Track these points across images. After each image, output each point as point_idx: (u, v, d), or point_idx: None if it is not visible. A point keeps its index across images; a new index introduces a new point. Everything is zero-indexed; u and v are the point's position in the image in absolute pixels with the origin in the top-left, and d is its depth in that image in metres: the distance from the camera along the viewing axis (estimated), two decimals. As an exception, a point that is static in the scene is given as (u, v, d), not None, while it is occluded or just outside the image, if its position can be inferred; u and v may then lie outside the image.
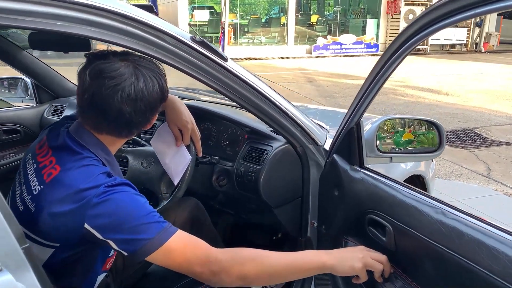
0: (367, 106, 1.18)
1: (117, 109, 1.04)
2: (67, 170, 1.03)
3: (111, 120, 1.07)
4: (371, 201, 1.20)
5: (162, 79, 1.13)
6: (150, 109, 1.11)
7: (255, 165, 1.54)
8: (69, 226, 1.00)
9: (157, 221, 1.02)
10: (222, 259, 1.04)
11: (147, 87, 1.07)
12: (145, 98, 1.07)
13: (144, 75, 1.07)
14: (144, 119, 1.12)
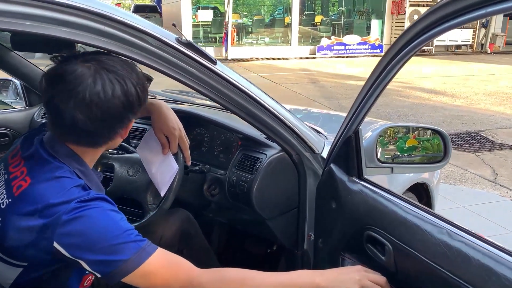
0: (366, 113, 1.09)
1: (71, 117, 0.92)
2: (38, 183, 0.95)
3: (68, 129, 0.96)
4: (369, 216, 1.11)
5: (130, 83, 0.99)
6: (110, 117, 0.97)
7: (248, 174, 1.45)
8: (38, 244, 0.92)
9: (134, 240, 0.94)
10: (204, 282, 0.96)
11: (105, 91, 0.93)
12: (101, 104, 0.93)
13: (103, 78, 0.94)
14: (106, 128, 0.99)
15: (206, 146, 1.72)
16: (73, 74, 0.93)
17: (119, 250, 0.91)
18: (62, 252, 0.90)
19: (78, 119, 0.93)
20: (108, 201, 0.97)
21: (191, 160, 1.67)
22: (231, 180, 1.48)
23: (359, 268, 1.05)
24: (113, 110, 0.96)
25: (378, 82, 0.98)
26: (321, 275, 1.03)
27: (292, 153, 1.45)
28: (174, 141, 1.34)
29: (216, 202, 1.60)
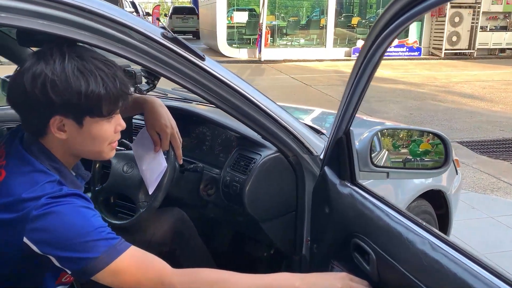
0: (355, 112, 1.03)
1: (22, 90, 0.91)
2: (12, 177, 0.94)
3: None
4: (357, 223, 1.05)
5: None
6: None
7: (241, 175, 1.41)
8: (7, 239, 0.91)
9: (105, 237, 0.91)
10: (176, 283, 0.93)
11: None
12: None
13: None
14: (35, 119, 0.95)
15: (207, 145, 1.70)
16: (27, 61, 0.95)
17: (89, 248, 0.89)
18: (32, 247, 0.89)
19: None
20: (82, 198, 0.96)
21: (187, 158, 1.65)
22: (225, 180, 1.45)
23: (343, 276, 1.00)
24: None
25: (359, 75, 0.92)
26: (302, 279, 0.98)
27: (288, 154, 1.39)
28: (165, 138, 1.32)
29: (213, 202, 1.57)
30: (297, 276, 0.99)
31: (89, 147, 1.01)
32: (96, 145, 1.00)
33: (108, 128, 0.99)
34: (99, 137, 0.99)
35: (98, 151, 1.02)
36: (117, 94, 0.95)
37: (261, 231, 1.47)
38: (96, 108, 0.94)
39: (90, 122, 0.96)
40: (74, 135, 0.97)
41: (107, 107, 0.95)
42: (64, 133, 0.96)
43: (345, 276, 1.00)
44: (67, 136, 0.96)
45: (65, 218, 0.90)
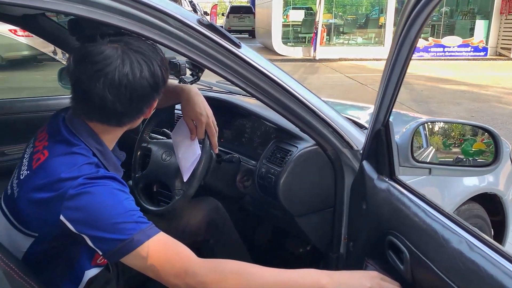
0: (393, 101, 0.96)
1: (100, 97, 0.95)
2: (53, 157, 0.98)
3: (95, 108, 0.98)
4: (392, 219, 0.99)
5: (156, 63, 1.00)
6: (138, 97, 0.99)
7: (277, 167, 1.38)
8: (46, 216, 0.94)
9: (135, 221, 0.92)
10: (200, 272, 0.92)
11: (133, 72, 0.95)
12: (130, 85, 0.95)
13: (131, 59, 0.96)
14: (132, 108, 1.01)
15: (246, 138, 1.68)
16: (101, 55, 0.95)
17: (119, 230, 0.90)
18: (68, 225, 0.92)
19: (107, 100, 0.95)
20: (117, 181, 0.98)
21: (226, 149, 1.65)
22: (261, 172, 1.43)
23: (374, 275, 0.95)
24: (141, 90, 0.98)
25: (394, 60, 0.86)
26: (329, 276, 0.94)
27: (327, 148, 1.35)
28: (200, 126, 1.32)
29: (249, 194, 1.55)
30: (325, 273, 0.96)
31: (135, 126, 1.10)
32: (139, 122, 1.11)
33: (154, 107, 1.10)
34: (147, 116, 1.10)
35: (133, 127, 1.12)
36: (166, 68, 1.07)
37: (296, 226, 1.43)
38: (161, 88, 1.06)
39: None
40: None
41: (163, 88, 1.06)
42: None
43: (376, 275, 0.95)
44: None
45: (98, 199, 0.92)
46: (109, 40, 0.98)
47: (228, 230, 1.57)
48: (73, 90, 1.00)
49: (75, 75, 0.96)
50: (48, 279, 1.05)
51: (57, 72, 2.36)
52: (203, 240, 1.52)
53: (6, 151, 2.06)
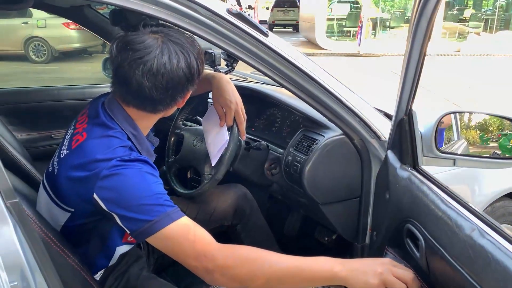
0: (413, 89, 0.96)
1: (138, 83, 1.01)
2: (91, 139, 1.05)
3: (133, 94, 1.05)
4: (411, 208, 0.99)
5: (192, 55, 1.05)
6: (173, 87, 1.05)
7: (303, 155, 1.40)
8: (82, 193, 1.01)
9: (161, 204, 0.97)
10: (218, 257, 0.96)
11: (171, 62, 1.01)
12: (167, 74, 1.01)
13: (170, 49, 1.02)
14: (167, 96, 1.06)
15: (276, 127, 1.72)
16: (142, 44, 1.01)
17: (145, 211, 0.96)
18: (100, 204, 0.99)
19: (145, 86, 1.01)
20: (148, 164, 1.03)
21: (255, 138, 1.69)
22: (287, 160, 1.45)
23: (386, 262, 0.95)
24: (177, 80, 1.04)
25: (410, 50, 0.86)
26: (342, 264, 0.96)
27: (354, 137, 1.36)
28: (229, 113, 1.36)
29: (277, 182, 1.59)
30: (338, 261, 0.97)
31: (169, 114, 1.16)
32: (172, 111, 1.16)
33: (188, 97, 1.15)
34: (180, 105, 1.16)
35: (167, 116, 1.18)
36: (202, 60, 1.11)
37: (321, 214, 1.45)
38: (196, 78, 1.10)
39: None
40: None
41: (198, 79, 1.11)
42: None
43: (388, 262, 0.95)
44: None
45: (129, 181, 0.98)
46: (151, 30, 1.04)
47: (255, 216, 1.61)
48: (114, 75, 1.07)
49: (117, 61, 1.03)
50: (83, 252, 1.13)
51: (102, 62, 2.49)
52: (230, 225, 1.57)
53: (53, 135, 2.20)
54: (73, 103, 2.29)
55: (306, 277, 0.96)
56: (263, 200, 1.87)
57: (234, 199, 1.57)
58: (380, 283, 0.90)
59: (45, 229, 0.98)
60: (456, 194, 0.88)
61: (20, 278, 0.82)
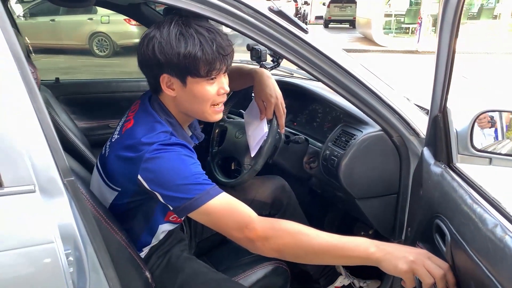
0: (446, 88, 0.97)
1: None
2: (137, 124, 1.16)
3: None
4: (440, 203, 1.01)
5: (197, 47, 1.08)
6: (147, 65, 1.13)
7: (340, 150, 1.43)
8: (128, 173, 1.11)
9: (200, 183, 1.05)
10: (259, 228, 1.03)
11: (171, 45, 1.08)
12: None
13: (171, 32, 1.08)
14: (147, 76, 1.16)
15: (318, 122, 1.75)
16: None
17: (186, 190, 1.04)
18: (144, 184, 1.08)
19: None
20: (186, 148, 1.12)
21: (295, 131, 1.73)
22: (325, 154, 1.49)
23: (422, 252, 0.96)
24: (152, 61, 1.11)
25: (439, 45, 0.87)
26: (377, 246, 0.98)
27: (392, 134, 1.37)
28: (269, 107, 1.42)
29: (315, 175, 1.62)
30: (374, 243, 0.99)
31: (193, 106, 1.16)
32: (199, 104, 1.15)
33: (209, 89, 1.13)
34: (200, 96, 1.13)
35: (201, 111, 1.17)
36: (213, 55, 1.08)
37: (358, 208, 1.48)
38: (194, 68, 1.08)
39: (192, 82, 1.11)
40: (181, 94, 1.14)
41: (204, 68, 1.08)
42: (173, 91, 1.14)
43: (424, 253, 0.96)
44: (175, 94, 1.14)
45: (169, 163, 1.07)
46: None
47: (292, 208, 1.66)
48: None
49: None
50: (129, 228, 1.24)
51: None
52: (268, 215, 1.63)
53: (110, 124, 2.36)
54: (129, 95, 2.44)
55: (342, 255, 1.00)
56: (303, 194, 1.91)
57: (273, 190, 1.63)
58: (409, 270, 0.92)
59: (96, 207, 1.08)
60: (486, 192, 0.89)
61: (73, 248, 0.93)
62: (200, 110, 1.16)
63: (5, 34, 0.88)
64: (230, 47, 1.13)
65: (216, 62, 1.09)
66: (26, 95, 0.88)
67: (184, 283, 1.26)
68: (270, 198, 1.62)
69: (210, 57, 1.07)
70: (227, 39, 1.13)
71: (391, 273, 0.96)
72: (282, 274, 1.46)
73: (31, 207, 0.87)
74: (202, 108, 1.16)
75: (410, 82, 6.56)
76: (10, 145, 0.86)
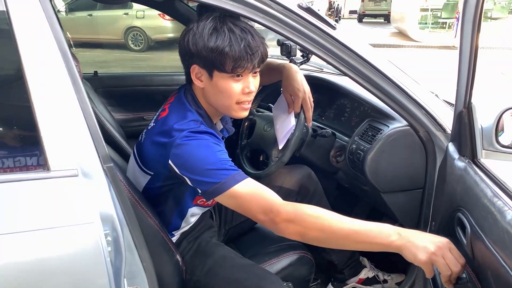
0: (470, 83, 0.99)
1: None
2: (171, 113, 1.24)
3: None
4: (462, 197, 1.03)
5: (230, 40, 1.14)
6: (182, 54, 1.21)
7: (367, 144, 1.46)
8: (160, 158, 1.19)
9: (227, 168, 1.12)
10: (283, 211, 1.08)
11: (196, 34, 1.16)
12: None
13: (206, 26, 1.16)
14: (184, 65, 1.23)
15: (346, 117, 1.78)
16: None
17: (213, 174, 1.11)
18: (174, 168, 1.15)
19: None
20: (214, 136, 1.18)
21: (323, 126, 1.77)
22: (352, 148, 1.52)
23: (443, 242, 0.97)
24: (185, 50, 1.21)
25: (462, 40, 0.89)
26: (399, 233, 1.00)
27: (419, 129, 1.38)
28: (297, 101, 1.46)
29: (342, 169, 1.66)
30: (397, 230, 1.02)
31: (218, 100, 1.22)
32: (224, 99, 1.21)
33: (234, 86, 1.18)
34: (225, 92, 1.19)
35: (226, 106, 1.22)
36: (240, 53, 1.13)
37: (383, 202, 1.50)
38: (220, 62, 1.14)
39: (218, 77, 1.17)
40: (208, 86, 1.21)
41: (230, 64, 1.14)
42: (201, 82, 1.21)
43: (445, 243, 0.97)
44: (203, 85, 1.21)
45: (197, 150, 1.14)
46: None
47: (318, 196, 1.70)
48: None
49: None
50: (160, 211, 1.32)
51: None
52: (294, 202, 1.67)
53: (144, 116, 2.45)
54: (163, 88, 2.53)
55: (363, 240, 1.03)
56: (330, 188, 1.95)
57: (299, 178, 1.68)
58: (428, 261, 0.94)
59: (132, 192, 1.16)
60: (507, 186, 0.91)
61: (111, 229, 1.00)
62: (225, 105, 1.22)
63: (53, 30, 0.96)
64: (259, 48, 1.17)
65: (242, 60, 1.14)
66: (70, 87, 0.96)
67: (212, 267, 1.33)
68: (297, 186, 1.67)
69: (237, 54, 1.13)
70: (260, 41, 1.18)
71: (411, 262, 0.98)
72: (307, 263, 1.50)
73: (74, 190, 0.95)
74: (227, 103, 1.21)
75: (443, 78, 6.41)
76: (57, 133, 0.94)
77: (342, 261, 1.72)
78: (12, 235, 0.90)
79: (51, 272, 0.94)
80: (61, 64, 0.96)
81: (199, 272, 1.33)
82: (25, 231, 0.91)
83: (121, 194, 1.04)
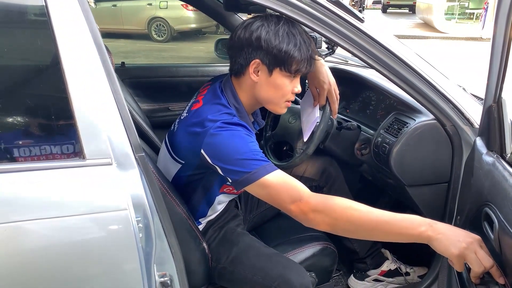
0: (501, 77, 0.97)
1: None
2: (205, 104, 1.27)
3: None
4: (490, 191, 1.02)
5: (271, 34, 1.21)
6: (236, 48, 1.25)
7: (392, 137, 1.45)
8: (193, 147, 1.22)
9: (258, 159, 1.15)
10: (312, 202, 1.10)
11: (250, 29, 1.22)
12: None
13: (255, 22, 1.22)
14: (242, 59, 1.26)
15: (371, 109, 1.77)
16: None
17: (244, 164, 1.14)
18: (206, 157, 1.18)
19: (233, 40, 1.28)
20: (246, 128, 1.21)
21: (348, 118, 1.77)
22: (377, 141, 1.52)
23: (475, 238, 0.97)
24: (239, 45, 1.25)
25: (494, 34, 0.88)
26: (430, 225, 1.00)
27: (445, 123, 1.38)
28: (322, 93, 1.47)
29: (367, 162, 1.66)
30: (427, 221, 1.01)
31: (270, 95, 1.27)
32: (276, 96, 1.27)
33: (289, 85, 1.26)
34: (280, 89, 1.25)
35: (276, 102, 1.29)
36: (305, 58, 1.23)
37: (408, 196, 1.50)
38: (287, 64, 1.22)
39: (278, 74, 1.23)
40: (263, 81, 1.25)
41: (295, 66, 1.23)
42: (257, 77, 1.24)
43: (477, 240, 0.96)
44: (258, 80, 1.25)
45: (229, 140, 1.16)
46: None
47: (340, 181, 1.73)
48: None
49: None
50: (188, 199, 1.35)
51: (214, 43, 2.73)
52: (317, 186, 1.71)
53: (170, 107, 2.50)
54: (188, 80, 2.56)
55: (393, 232, 1.04)
56: (354, 181, 1.95)
57: (322, 163, 1.73)
58: (460, 255, 0.94)
59: (162, 181, 1.19)
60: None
61: (142, 216, 1.04)
62: (275, 101, 1.29)
63: (88, 23, 0.99)
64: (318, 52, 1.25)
65: (305, 65, 1.24)
66: (105, 78, 1.00)
67: (238, 255, 1.36)
68: (321, 170, 1.71)
69: (303, 59, 1.23)
70: (315, 47, 1.27)
71: (442, 254, 0.98)
72: (330, 254, 1.52)
73: (108, 177, 0.99)
74: (277, 100, 1.29)
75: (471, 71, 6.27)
76: (92, 122, 0.98)
77: (364, 250, 1.74)
78: (50, 220, 0.95)
79: (86, 256, 0.98)
80: (96, 56, 0.99)
81: (225, 260, 1.37)
82: (62, 216, 0.95)
83: (152, 183, 1.08)
